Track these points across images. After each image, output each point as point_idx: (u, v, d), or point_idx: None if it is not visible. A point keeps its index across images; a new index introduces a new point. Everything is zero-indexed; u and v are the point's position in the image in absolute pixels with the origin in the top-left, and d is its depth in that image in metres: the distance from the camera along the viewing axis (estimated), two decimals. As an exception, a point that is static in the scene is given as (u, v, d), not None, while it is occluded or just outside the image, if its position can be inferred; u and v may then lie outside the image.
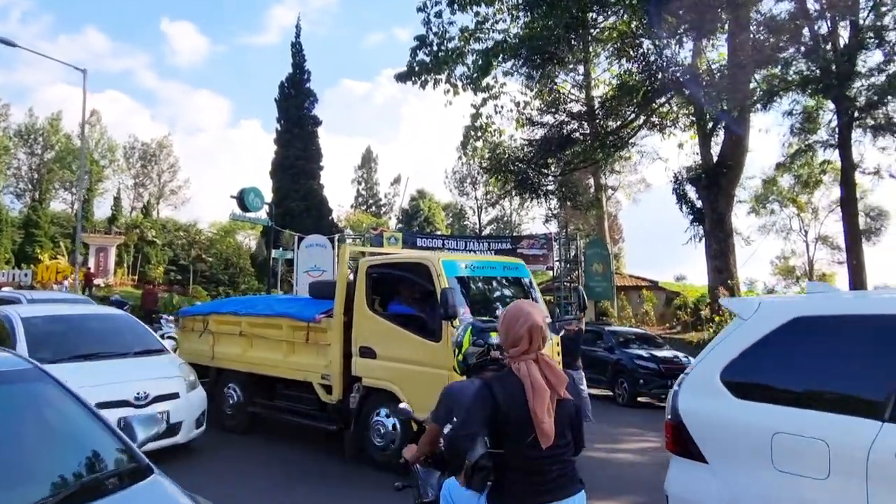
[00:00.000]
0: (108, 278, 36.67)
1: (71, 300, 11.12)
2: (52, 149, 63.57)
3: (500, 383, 2.34)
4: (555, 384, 2.30)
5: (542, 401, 2.24)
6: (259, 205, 17.44)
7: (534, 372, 2.28)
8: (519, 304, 2.51)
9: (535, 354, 2.34)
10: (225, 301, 10.22)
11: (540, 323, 2.37)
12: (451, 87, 25.69)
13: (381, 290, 6.97)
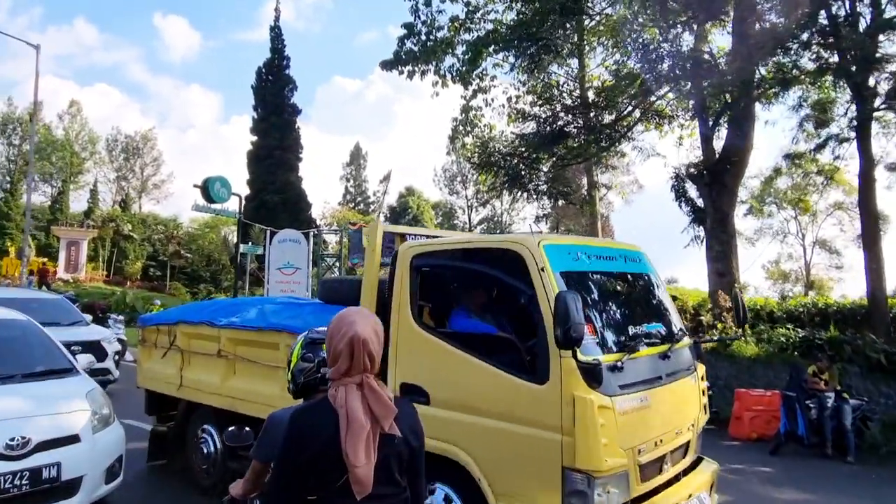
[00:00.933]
0: (79, 273, 35.01)
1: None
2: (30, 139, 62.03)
3: (309, 414, 1.94)
4: (379, 416, 1.86)
5: (356, 438, 1.81)
6: (225, 195, 16.05)
7: (352, 401, 1.85)
8: (346, 310, 2.03)
9: (360, 377, 1.90)
10: (201, 305, 7.17)
11: (365, 335, 1.91)
12: (440, 79, 24.40)
13: (435, 292, 4.59)
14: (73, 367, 5.10)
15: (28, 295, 11.31)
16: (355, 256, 18.95)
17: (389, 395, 1.93)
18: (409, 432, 1.97)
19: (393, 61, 23.40)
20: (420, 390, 4.02)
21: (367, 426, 1.83)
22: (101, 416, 4.67)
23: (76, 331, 9.93)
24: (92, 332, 10.30)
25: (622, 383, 3.53)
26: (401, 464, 1.96)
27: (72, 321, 10.31)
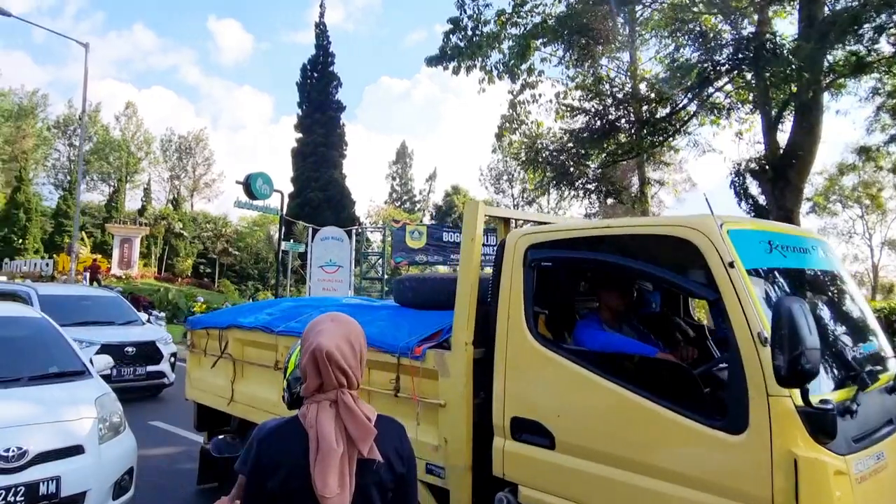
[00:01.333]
0: (132, 270, 35.86)
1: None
2: (90, 140, 64.46)
3: (278, 435, 1.67)
4: (356, 439, 1.59)
5: (326, 464, 1.53)
6: (268, 192, 15.86)
7: (323, 420, 1.58)
8: (318, 317, 1.75)
9: (335, 394, 1.61)
10: (256, 306, 6.18)
11: (330, 348, 1.61)
12: (486, 75, 23.85)
13: (558, 294, 3.53)
14: (86, 369, 4.69)
15: (82, 292, 11.03)
16: (398, 255, 18.58)
17: (369, 414, 1.67)
18: (393, 457, 1.71)
19: (438, 57, 22.94)
20: (540, 429, 2.92)
21: (341, 450, 1.58)
22: (109, 424, 4.23)
23: (130, 330, 9.57)
24: (146, 333, 9.84)
25: (855, 434, 2.43)
26: (384, 493, 1.70)
27: (126, 320, 9.97)
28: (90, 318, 9.17)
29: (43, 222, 46.78)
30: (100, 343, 8.45)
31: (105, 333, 8.72)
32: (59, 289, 11.26)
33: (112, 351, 8.08)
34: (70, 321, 8.38)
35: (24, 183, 45.48)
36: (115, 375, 8.20)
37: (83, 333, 8.31)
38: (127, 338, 8.94)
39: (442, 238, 18.63)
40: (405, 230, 18.37)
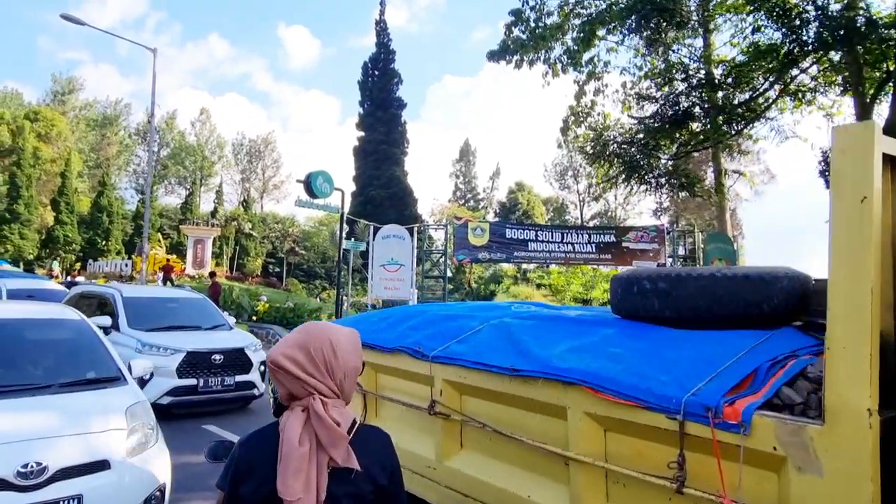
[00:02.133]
0: (204, 269, 37.02)
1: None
2: (167, 146, 67.46)
3: (256, 440, 1.64)
4: (325, 444, 1.52)
5: (287, 465, 1.48)
6: (328, 190, 15.72)
7: (290, 423, 1.54)
8: (298, 328, 1.68)
9: (307, 401, 1.56)
10: (394, 315, 4.02)
11: (277, 358, 1.58)
12: (550, 68, 23.06)
13: None
14: (121, 375, 4.37)
15: (167, 294, 10.54)
16: (461, 252, 18.15)
17: (340, 419, 1.57)
18: (376, 468, 1.62)
19: (500, 51, 22.36)
20: None
21: (304, 450, 1.52)
22: (140, 437, 3.88)
23: (217, 336, 8.74)
24: (234, 338, 8.82)
25: None
26: (359, 501, 1.59)
27: (213, 324, 9.13)
28: (176, 322, 8.67)
29: (124, 225, 49.10)
30: (185, 350, 7.84)
31: (191, 339, 8.14)
32: (145, 291, 10.43)
33: (198, 359, 7.85)
34: (155, 325, 8.27)
35: (106, 188, 47.81)
36: (202, 386, 7.78)
37: (168, 339, 7.95)
38: (214, 344, 8.22)
39: (505, 235, 18.06)
40: (467, 227, 17.90)
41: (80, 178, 55.39)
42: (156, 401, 7.28)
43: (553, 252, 18.14)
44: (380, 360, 3.52)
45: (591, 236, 18.40)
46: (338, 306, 16.41)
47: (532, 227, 19.20)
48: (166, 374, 7.61)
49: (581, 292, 30.81)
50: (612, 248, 18.31)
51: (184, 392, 7.71)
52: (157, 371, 7.38)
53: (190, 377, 7.78)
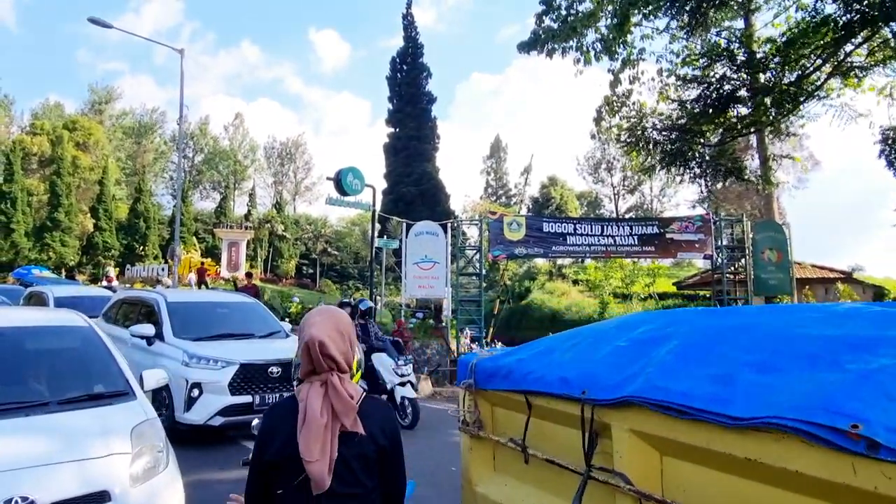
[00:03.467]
0: (239, 272, 37.14)
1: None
2: (202, 151, 68.39)
3: (278, 410, 1.92)
4: (339, 413, 1.81)
5: (310, 433, 1.75)
6: (359, 187, 15.31)
7: (312, 396, 1.81)
8: (312, 311, 2.03)
9: (326, 376, 1.84)
10: (548, 345, 2.66)
11: (321, 337, 1.84)
12: (582, 55, 22.25)
13: None
14: (129, 389, 3.81)
15: (216, 298, 9.49)
16: (497, 248, 17.54)
17: (353, 393, 1.86)
18: (377, 432, 1.90)
19: (531, 42, 21.68)
20: None
21: (324, 421, 1.78)
22: (147, 461, 3.36)
23: (273, 345, 7.66)
24: (293, 347, 8.24)
25: None
26: (366, 463, 1.87)
27: (268, 331, 8.08)
28: (226, 329, 7.73)
29: (161, 230, 49.75)
30: (238, 363, 6.86)
31: (244, 350, 7.18)
32: (192, 295, 9.54)
33: (254, 372, 6.93)
34: (203, 334, 7.38)
35: (142, 194, 48.46)
36: (258, 404, 6.80)
37: (219, 350, 7.01)
38: (271, 355, 7.15)
39: (542, 229, 17.38)
40: (502, 222, 17.28)
41: (118, 185, 56.42)
42: (206, 422, 6.61)
43: (593, 245, 17.37)
44: (545, 404, 2.30)
45: (632, 228, 17.57)
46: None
47: (570, 221, 18.45)
48: (217, 391, 6.69)
49: (620, 287, 29.86)
50: (656, 240, 17.46)
51: (238, 411, 6.72)
52: (207, 387, 6.62)
53: (244, 393, 6.81)
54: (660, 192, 63.46)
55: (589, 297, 36.26)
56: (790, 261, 17.90)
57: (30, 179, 48.39)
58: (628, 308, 27.83)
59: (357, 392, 1.87)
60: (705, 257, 17.85)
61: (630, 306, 27.86)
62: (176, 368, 6.61)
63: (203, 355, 6.80)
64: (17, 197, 43.08)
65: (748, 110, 17.64)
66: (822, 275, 19.01)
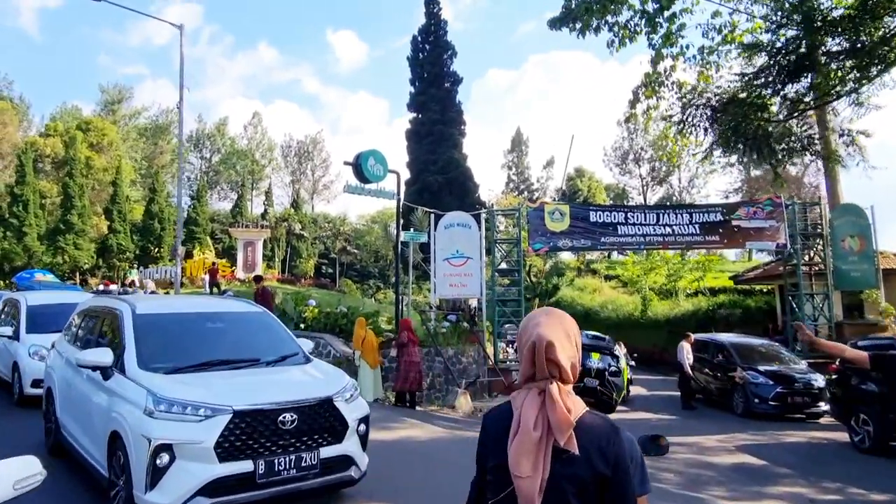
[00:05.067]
0: (256, 272, 35.53)
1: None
2: (219, 152, 67.23)
3: (494, 416, 1.80)
4: (554, 426, 1.62)
5: (520, 445, 1.62)
6: (381, 173, 13.40)
7: (527, 405, 1.66)
8: (535, 311, 1.84)
9: (544, 384, 1.67)
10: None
11: (549, 339, 1.66)
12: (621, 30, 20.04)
13: None
14: None
15: (208, 307, 6.43)
16: (537, 240, 15.52)
17: (571, 406, 1.65)
18: (595, 454, 1.63)
19: (561, 17, 19.63)
20: None
21: (537, 435, 1.62)
22: None
23: (283, 378, 5.23)
24: (315, 380, 5.24)
25: None
26: (581, 489, 1.62)
27: (279, 355, 5.51)
28: (218, 354, 5.25)
29: (176, 231, 48.42)
30: (231, 409, 4.36)
31: (243, 387, 4.79)
32: (171, 304, 6.79)
33: (256, 424, 4.41)
34: (184, 362, 4.94)
35: (157, 194, 47.18)
36: (263, 473, 4.36)
37: (201, 389, 4.55)
38: (282, 394, 4.70)
39: (588, 218, 15.37)
40: (543, 211, 15.27)
41: (133, 186, 55.35)
42: None
43: (648, 236, 15.27)
44: None
45: (692, 216, 15.42)
46: (397, 308, 14.05)
47: (621, 209, 16.36)
48: (198, 457, 4.22)
49: (665, 283, 27.52)
50: (720, 228, 15.33)
51: (231, 487, 4.29)
52: (182, 451, 4.20)
53: (241, 457, 4.34)
54: (688, 184, 61.07)
55: (624, 294, 34.05)
56: (875, 249, 15.63)
57: (43, 182, 47.33)
58: (673, 305, 25.61)
59: (577, 407, 1.67)
60: (778, 246, 15.65)
61: (675, 303, 25.62)
62: (135, 420, 4.30)
63: (177, 399, 4.36)
64: (30, 199, 41.93)
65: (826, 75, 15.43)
66: (908, 265, 16.71)
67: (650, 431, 2.52)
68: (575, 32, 20.35)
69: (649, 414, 12.59)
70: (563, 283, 42.30)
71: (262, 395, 4.58)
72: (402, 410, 10.49)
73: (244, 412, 4.38)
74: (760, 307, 21.09)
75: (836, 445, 8.85)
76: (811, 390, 11.31)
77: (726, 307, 21.59)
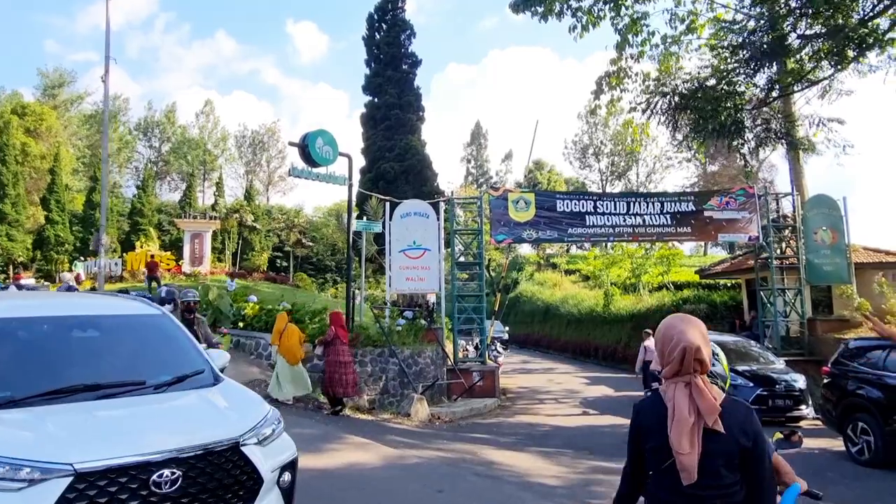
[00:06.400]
0: (203, 266, 33.59)
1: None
2: (169, 140, 64.37)
3: (647, 405, 2.23)
4: (703, 412, 2.03)
5: (679, 429, 2.02)
6: (331, 156, 12.15)
7: (678, 396, 2.07)
8: (672, 318, 2.22)
9: (689, 377, 2.08)
10: None
11: (697, 344, 2.07)
12: (586, 15, 19.25)
13: None
14: None
15: (78, 309, 4.53)
16: (500, 231, 14.49)
17: (715, 395, 2.07)
18: (738, 432, 2.05)
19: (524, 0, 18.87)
20: None
21: (691, 420, 2.01)
22: None
23: (170, 409, 3.68)
24: (215, 414, 3.68)
25: None
26: (728, 461, 2.04)
27: (174, 376, 3.92)
28: (85, 375, 3.72)
29: (121, 222, 45.91)
30: (69, 468, 2.81)
31: (98, 430, 3.22)
32: (30, 305, 4.64)
33: (116, 488, 2.90)
34: (25, 391, 3.35)
35: (98, 183, 44.53)
36: None
37: (27, 436, 3.02)
38: (161, 439, 3.18)
39: (555, 208, 14.41)
40: (507, 200, 14.26)
41: (76, 175, 52.31)
42: None
43: (618, 226, 14.38)
44: None
45: (664, 205, 14.60)
46: (348, 304, 12.82)
47: (589, 197, 15.41)
48: None
49: (630, 277, 26.87)
50: (692, 219, 14.57)
51: None
52: None
53: None
54: (646, 178, 61.27)
55: (585, 289, 33.43)
56: (847, 243, 15.12)
57: (-29, 169, 44.14)
58: (636, 300, 25.01)
59: (718, 394, 2.10)
60: (750, 239, 14.98)
61: (639, 298, 25.01)
62: None
63: None
64: (-45, 188, 38.97)
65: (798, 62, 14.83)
66: (876, 259, 16.28)
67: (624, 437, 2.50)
68: (537, 17, 19.44)
69: (618, 418, 11.70)
70: (523, 277, 41.58)
71: (128, 443, 3.03)
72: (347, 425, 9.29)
73: (93, 472, 2.82)
74: (726, 302, 20.59)
75: (831, 456, 8.04)
76: (792, 392, 10.58)
77: (691, 302, 21.02)
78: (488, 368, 14.28)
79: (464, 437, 9.18)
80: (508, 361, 22.28)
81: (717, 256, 39.63)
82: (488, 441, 9.05)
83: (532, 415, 12.55)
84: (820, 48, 14.05)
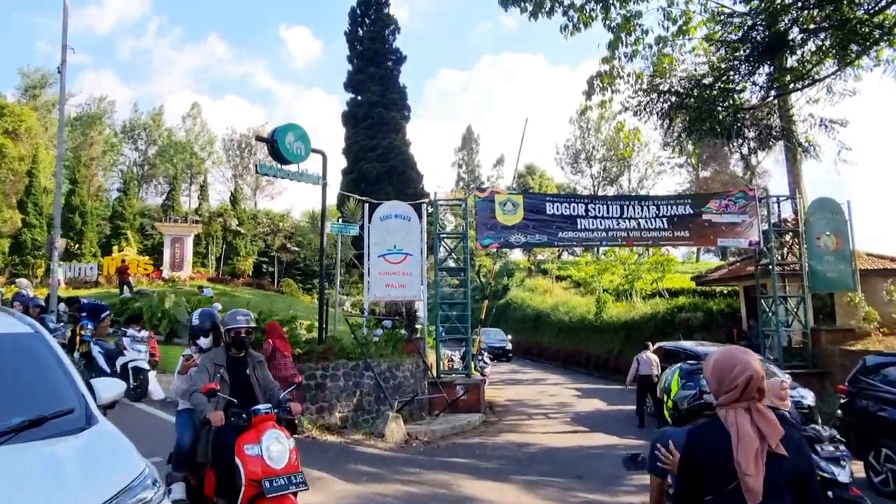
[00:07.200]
0: (184, 271, 32.54)
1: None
2: (155, 143, 63.25)
3: (706, 430, 2.27)
4: (766, 435, 2.12)
5: (746, 451, 2.09)
6: (303, 153, 11.25)
7: (742, 420, 2.15)
8: (731, 349, 2.38)
9: (748, 403, 2.19)
10: None
11: (761, 372, 2.21)
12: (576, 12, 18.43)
13: None
14: None
15: None
16: (486, 235, 13.62)
17: (775, 419, 2.16)
18: (796, 455, 2.15)
19: (514, -5, 18.14)
20: None
21: (756, 442, 2.09)
22: None
23: (15, 481, 2.51)
24: (57, 486, 2.52)
25: None
26: (790, 482, 2.13)
27: (24, 418, 2.82)
28: None
29: (102, 226, 44.77)
30: None
31: None
32: None
33: None
34: None
35: (77, 185, 43.39)
36: None
37: None
38: None
39: (545, 210, 13.59)
40: (494, 202, 13.42)
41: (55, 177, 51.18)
42: None
43: (611, 230, 13.55)
44: None
45: (660, 208, 13.78)
46: (321, 312, 11.87)
47: (580, 199, 14.53)
48: None
49: (623, 284, 26.04)
50: (690, 223, 13.77)
51: None
52: None
53: None
54: (638, 184, 60.79)
55: (577, 295, 32.61)
56: (852, 249, 14.35)
57: (-53, 171, 42.96)
58: (629, 307, 24.19)
59: (776, 419, 2.19)
60: (750, 244, 14.18)
61: (632, 305, 24.19)
62: None
63: None
64: (-72, 190, 37.75)
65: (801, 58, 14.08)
66: (880, 265, 15.53)
67: (618, 460, 2.48)
68: (526, 14, 18.60)
69: (611, 437, 10.82)
70: (513, 283, 40.73)
71: None
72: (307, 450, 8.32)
73: None
74: (722, 310, 19.80)
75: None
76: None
77: (687, 310, 20.24)
78: (473, 381, 13.40)
79: (440, 463, 8.26)
80: (497, 371, 21.39)
81: (711, 263, 38.96)
82: (467, 468, 8.15)
83: (519, 433, 11.65)
84: (822, 43, 13.28)
